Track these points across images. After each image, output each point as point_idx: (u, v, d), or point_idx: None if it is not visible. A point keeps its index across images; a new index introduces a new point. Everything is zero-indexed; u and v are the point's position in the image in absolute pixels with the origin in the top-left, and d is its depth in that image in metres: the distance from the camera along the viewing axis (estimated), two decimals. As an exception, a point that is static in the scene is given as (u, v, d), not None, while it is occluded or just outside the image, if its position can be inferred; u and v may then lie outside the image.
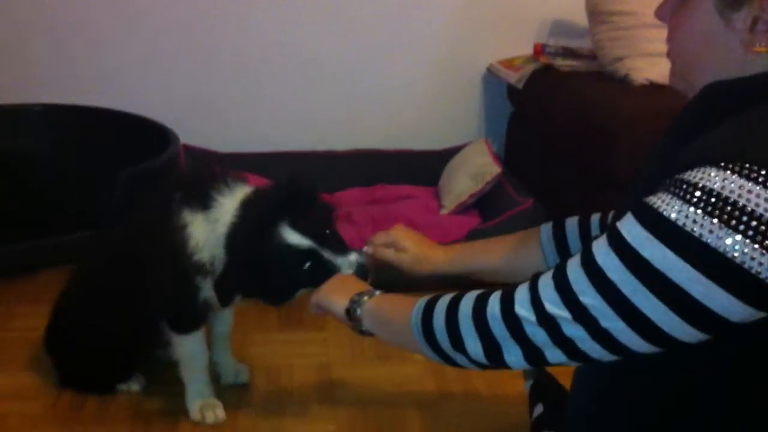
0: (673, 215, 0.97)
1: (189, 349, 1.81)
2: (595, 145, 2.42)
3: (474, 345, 1.17)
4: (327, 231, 1.63)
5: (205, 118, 3.22)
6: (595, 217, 1.57)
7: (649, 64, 2.63)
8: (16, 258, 2.49)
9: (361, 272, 1.61)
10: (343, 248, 1.63)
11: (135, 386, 1.94)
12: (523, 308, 1.11)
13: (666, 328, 0.99)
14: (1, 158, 2.80)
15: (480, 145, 3.07)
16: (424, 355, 1.28)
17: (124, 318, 1.81)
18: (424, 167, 3.19)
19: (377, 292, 1.45)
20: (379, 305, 1.42)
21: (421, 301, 1.30)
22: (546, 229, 1.62)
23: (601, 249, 1.05)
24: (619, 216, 1.08)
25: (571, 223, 1.60)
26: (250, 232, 1.60)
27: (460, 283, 2.48)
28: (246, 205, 1.64)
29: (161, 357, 1.89)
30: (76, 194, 2.69)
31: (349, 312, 1.45)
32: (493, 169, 2.86)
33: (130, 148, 2.74)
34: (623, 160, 2.29)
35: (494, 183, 2.83)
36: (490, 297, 1.17)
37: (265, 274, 1.58)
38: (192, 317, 1.78)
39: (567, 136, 2.68)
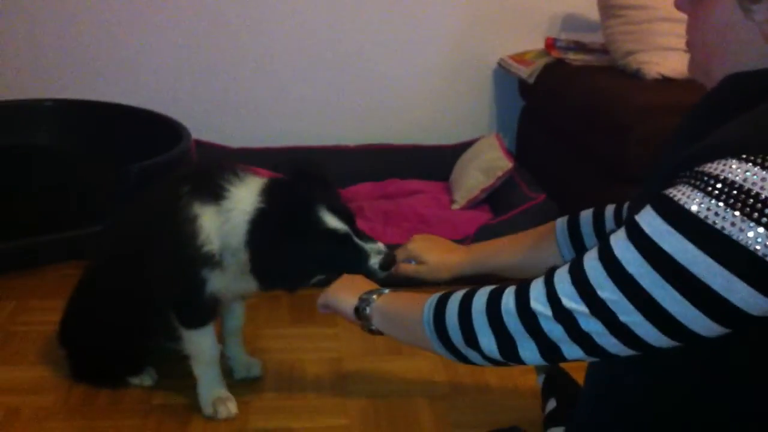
0: (695, 207, 0.96)
1: (199, 344, 1.81)
2: (608, 138, 2.41)
3: (488, 341, 1.16)
4: (352, 217, 1.66)
5: (217, 113, 3.23)
6: (610, 209, 1.57)
7: (662, 58, 2.62)
8: (27, 253, 2.50)
9: (387, 261, 1.64)
10: (366, 235, 1.67)
11: (147, 380, 1.95)
12: (538, 303, 1.10)
13: (685, 322, 0.98)
14: (12, 153, 2.81)
15: (491, 139, 3.06)
16: (436, 352, 1.27)
17: (133, 311, 1.81)
18: (435, 162, 3.18)
19: (386, 290, 1.44)
20: (389, 303, 1.41)
21: (433, 297, 1.29)
22: (561, 223, 1.62)
23: (619, 242, 1.03)
24: (635, 208, 1.07)
25: (586, 216, 1.59)
26: (290, 214, 1.60)
27: (474, 280, 2.49)
28: (271, 192, 1.64)
29: (174, 351, 1.89)
30: (87, 189, 2.69)
31: (359, 310, 1.44)
32: (505, 164, 2.85)
33: (141, 143, 2.75)
34: (636, 153, 2.28)
35: (506, 178, 2.82)
36: (504, 292, 1.16)
37: (302, 257, 1.60)
38: (199, 312, 1.78)
39: (579, 130, 2.67)
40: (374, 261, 1.63)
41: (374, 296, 1.43)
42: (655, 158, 1.25)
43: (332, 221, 1.61)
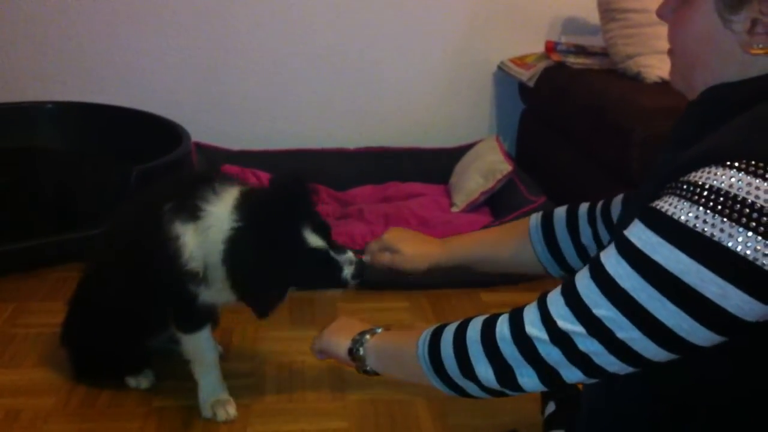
0: (683, 217, 0.96)
1: (197, 347, 1.81)
2: (609, 140, 2.41)
3: (485, 370, 1.15)
4: (329, 231, 1.67)
5: (217, 115, 3.23)
6: (584, 207, 1.57)
7: (662, 61, 2.62)
8: (28, 255, 2.50)
9: (358, 270, 1.66)
10: (337, 245, 1.69)
11: (145, 383, 1.95)
12: (534, 327, 1.09)
13: (682, 333, 0.98)
14: (12, 156, 2.81)
15: (491, 142, 3.06)
16: (434, 386, 1.26)
17: (133, 311, 1.82)
18: (435, 165, 3.19)
19: (379, 330, 1.43)
20: (382, 341, 1.40)
21: (426, 331, 1.27)
22: (535, 217, 1.63)
23: (610, 258, 1.03)
24: (628, 215, 1.07)
25: (559, 213, 1.60)
26: (270, 233, 1.60)
27: (452, 278, 2.50)
28: (246, 209, 1.62)
29: (174, 353, 1.89)
30: (87, 192, 2.69)
31: (352, 352, 1.43)
32: (505, 167, 2.85)
33: (141, 145, 2.75)
34: (638, 156, 2.28)
35: (505, 181, 2.83)
36: (498, 320, 1.16)
37: (281, 275, 1.60)
38: (195, 318, 1.79)
39: (580, 133, 2.68)
40: (347, 272, 1.66)
41: (367, 336, 1.42)
42: (650, 164, 1.27)
43: (314, 240, 1.62)
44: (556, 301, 1.08)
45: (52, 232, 2.50)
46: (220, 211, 1.63)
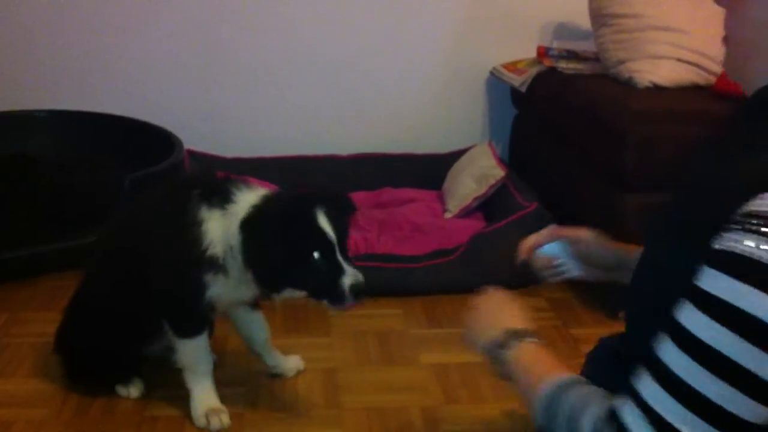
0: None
1: (193, 354, 1.81)
2: (602, 144, 2.42)
3: None
4: (345, 239, 1.68)
5: (210, 123, 3.23)
6: None
7: (653, 66, 2.63)
8: (20, 264, 2.50)
9: (358, 288, 1.63)
10: (350, 259, 1.68)
11: (135, 392, 1.94)
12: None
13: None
14: (6, 164, 2.80)
15: (484, 147, 3.07)
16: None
17: (127, 317, 1.82)
18: (428, 170, 3.19)
19: (530, 338, 1.25)
20: (524, 362, 1.22)
21: (549, 388, 1.13)
22: None
23: (670, 353, 0.94)
24: (662, 228, 1.04)
25: None
26: (284, 207, 1.67)
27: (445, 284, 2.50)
28: (274, 195, 1.71)
29: (167, 361, 1.89)
30: (81, 200, 2.69)
31: (490, 349, 1.27)
32: (497, 172, 2.86)
33: (134, 153, 2.75)
34: (631, 159, 2.29)
35: (498, 186, 2.83)
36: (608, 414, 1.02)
37: (286, 246, 1.62)
38: (194, 319, 1.79)
39: (573, 137, 2.68)
40: (347, 280, 1.62)
41: (515, 343, 1.24)
42: (682, 171, 1.17)
43: (325, 225, 1.63)
44: (630, 412, 0.97)
45: (45, 240, 2.50)
46: (251, 198, 1.68)
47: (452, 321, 2.38)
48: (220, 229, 1.67)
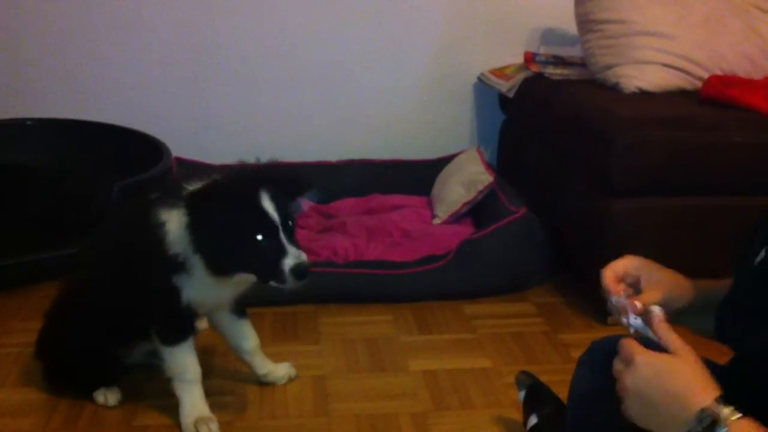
0: None
1: (180, 362, 1.81)
2: (589, 150, 2.42)
3: None
4: (290, 221, 1.68)
5: (198, 130, 3.22)
6: None
7: (640, 71, 2.64)
8: (9, 273, 2.48)
9: (302, 272, 1.63)
10: (297, 242, 1.68)
11: (112, 399, 1.93)
12: None
13: None
14: (-7, 173, 2.80)
15: (472, 153, 3.07)
16: None
17: (105, 319, 1.83)
18: (417, 176, 3.19)
19: (727, 410, 0.92)
20: None
21: None
22: None
23: None
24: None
25: None
26: (228, 186, 1.67)
27: (434, 290, 2.51)
28: (216, 180, 1.70)
29: (153, 368, 1.88)
30: (69, 208, 2.68)
31: (703, 417, 0.93)
32: (486, 178, 2.86)
33: (122, 161, 2.74)
34: (618, 164, 2.30)
35: (487, 192, 2.83)
36: None
37: (230, 225, 1.62)
38: (177, 324, 1.79)
39: (560, 143, 2.69)
40: (289, 261, 1.63)
41: (728, 415, 0.91)
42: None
43: (268, 206, 1.64)
44: None
45: (33, 249, 2.49)
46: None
47: (442, 327, 2.39)
48: (178, 227, 1.68)
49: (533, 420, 1.71)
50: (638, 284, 1.21)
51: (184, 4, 3.10)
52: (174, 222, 1.68)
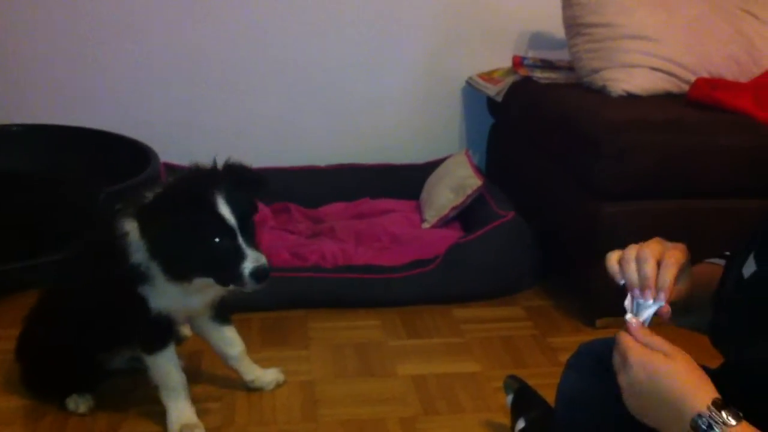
0: None
1: (163, 369, 1.81)
2: (577, 153, 2.43)
3: None
4: (248, 222, 1.67)
5: (187, 135, 3.21)
6: None
7: (626, 75, 2.65)
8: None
9: (260, 271, 1.62)
10: (255, 244, 1.67)
11: (83, 407, 1.91)
12: None
13: None
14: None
15: (461, 157, 3.07)
16: None
17: (81, 325, 1.83)
18: (406, 181, 3.19)
19: (736, 421, 0.91)
20: None
21: None
22: None
23: None
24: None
25: None
26: (182, 191, 1.66)
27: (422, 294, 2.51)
28: (170, 184, 1.72)
29: (142, 377, 1.87)
30: (56, 215, 2.66)
31: (699, 423, 0.92)
32: (474, 182, 2.86)
33: (110, 167, 2.73)
34: (605, 167, 2.30)
35: (475, 196, 2.83)
36: None
37: (185, 231, 1.61)
38: (154, 332, 1.79)
39: (548, 146, 2.69)
40: (247, 265, 1.62)
41: (730, 419, 0.91)
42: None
43: (223, 209, 1.62)
44: None
45: (20, 256, 2.47)
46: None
47: (431, 331, 2.39)
48: (137, 236, 1.67)
49: (521, 424, 1.71)
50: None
51: (172, 10, 3.09)
52: (134, 231, 1.67)
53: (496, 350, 2.27)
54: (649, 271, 1.11)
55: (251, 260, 1.63)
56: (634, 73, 2.65)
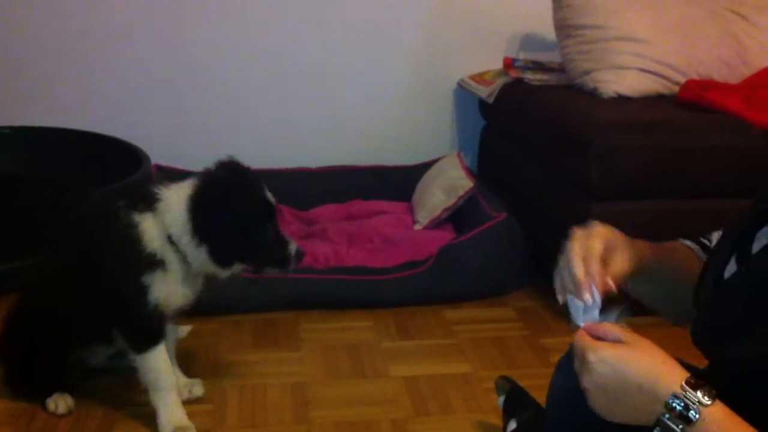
0: None
1: (154, 368, 1.80)
2: (568, 154, 2.44)
3: None
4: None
5: (178, 137, 3.20)
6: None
7: (618, 76, 2.65)
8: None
9: (300, 256, 1.79)
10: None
11: (62, 408, 1.90)
12: None
13: None
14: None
15: (453, 158, 3.08)
16: None
17: (61, 322, 1.84)
18: (398, 182, 3.19)
19: (708, 401, 0.89)
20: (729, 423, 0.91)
21: None
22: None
23: None
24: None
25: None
26: (230, 180, 1.76)
27: (415, 295, 2.51)
28: (206, 176, 1.79)
29: (133, 378, 1.87)
30: (47, 217, 2.66)
31: (674, 405, 0.90)
32: (466, 183, 2.87)
33: (101, 169, 2.72)
34: (596, 168, 2.31)
35: (467, 197, 2.83)
36: None
37: (240, 216, 1.72)
38: (146, 328, 1.79)
39: (540, 147, 2.70)
40: (293, 247, 1.80)
41: (705, 399, 0.89)
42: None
43: (270, 196, 1.77)
44: None
45: (11, 257, 2.46)
46: (178, 195, 1.74)
47: (423, 332, 2.39)
48: (154, 227, 1.73)
49: (512, 425, 1.71)
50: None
51: (163, 11, 3.08)
52: (148, 223, 1.73)
53: (487, 351, 2.28)
54: (577, 273, 1.14)
55: (294, 243, 1.81)
56: (624, 74, 2.66)
